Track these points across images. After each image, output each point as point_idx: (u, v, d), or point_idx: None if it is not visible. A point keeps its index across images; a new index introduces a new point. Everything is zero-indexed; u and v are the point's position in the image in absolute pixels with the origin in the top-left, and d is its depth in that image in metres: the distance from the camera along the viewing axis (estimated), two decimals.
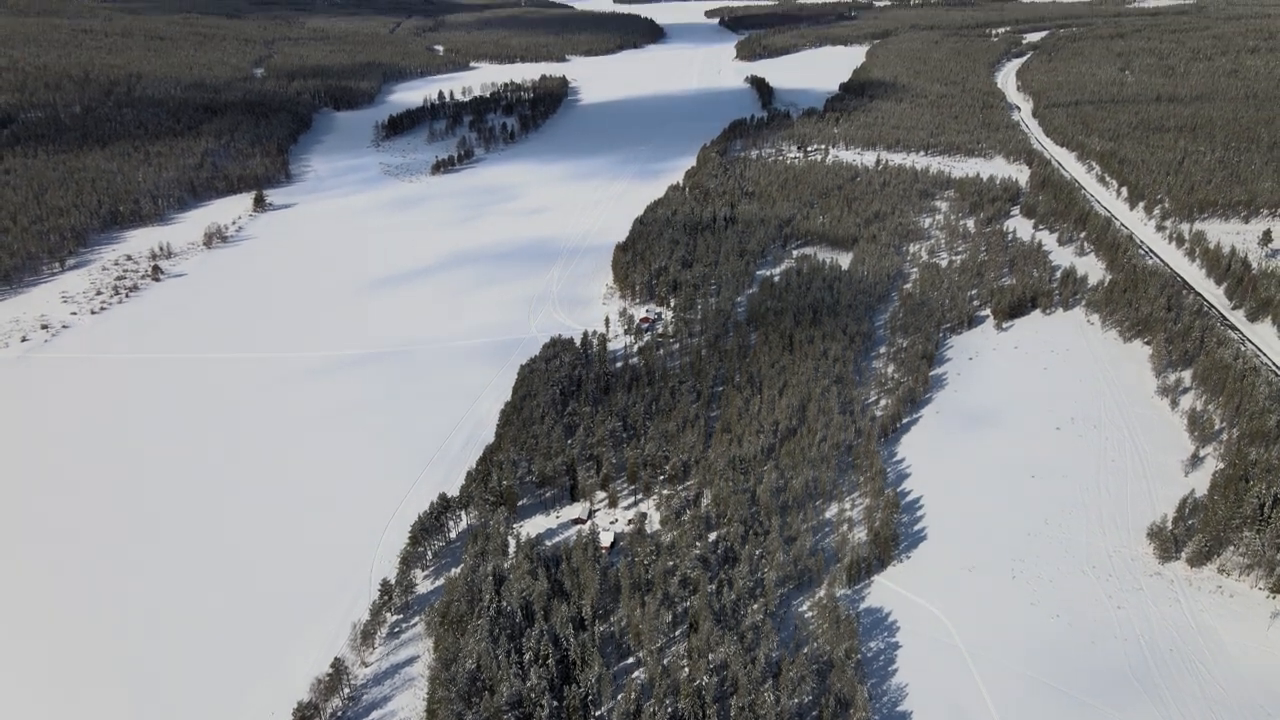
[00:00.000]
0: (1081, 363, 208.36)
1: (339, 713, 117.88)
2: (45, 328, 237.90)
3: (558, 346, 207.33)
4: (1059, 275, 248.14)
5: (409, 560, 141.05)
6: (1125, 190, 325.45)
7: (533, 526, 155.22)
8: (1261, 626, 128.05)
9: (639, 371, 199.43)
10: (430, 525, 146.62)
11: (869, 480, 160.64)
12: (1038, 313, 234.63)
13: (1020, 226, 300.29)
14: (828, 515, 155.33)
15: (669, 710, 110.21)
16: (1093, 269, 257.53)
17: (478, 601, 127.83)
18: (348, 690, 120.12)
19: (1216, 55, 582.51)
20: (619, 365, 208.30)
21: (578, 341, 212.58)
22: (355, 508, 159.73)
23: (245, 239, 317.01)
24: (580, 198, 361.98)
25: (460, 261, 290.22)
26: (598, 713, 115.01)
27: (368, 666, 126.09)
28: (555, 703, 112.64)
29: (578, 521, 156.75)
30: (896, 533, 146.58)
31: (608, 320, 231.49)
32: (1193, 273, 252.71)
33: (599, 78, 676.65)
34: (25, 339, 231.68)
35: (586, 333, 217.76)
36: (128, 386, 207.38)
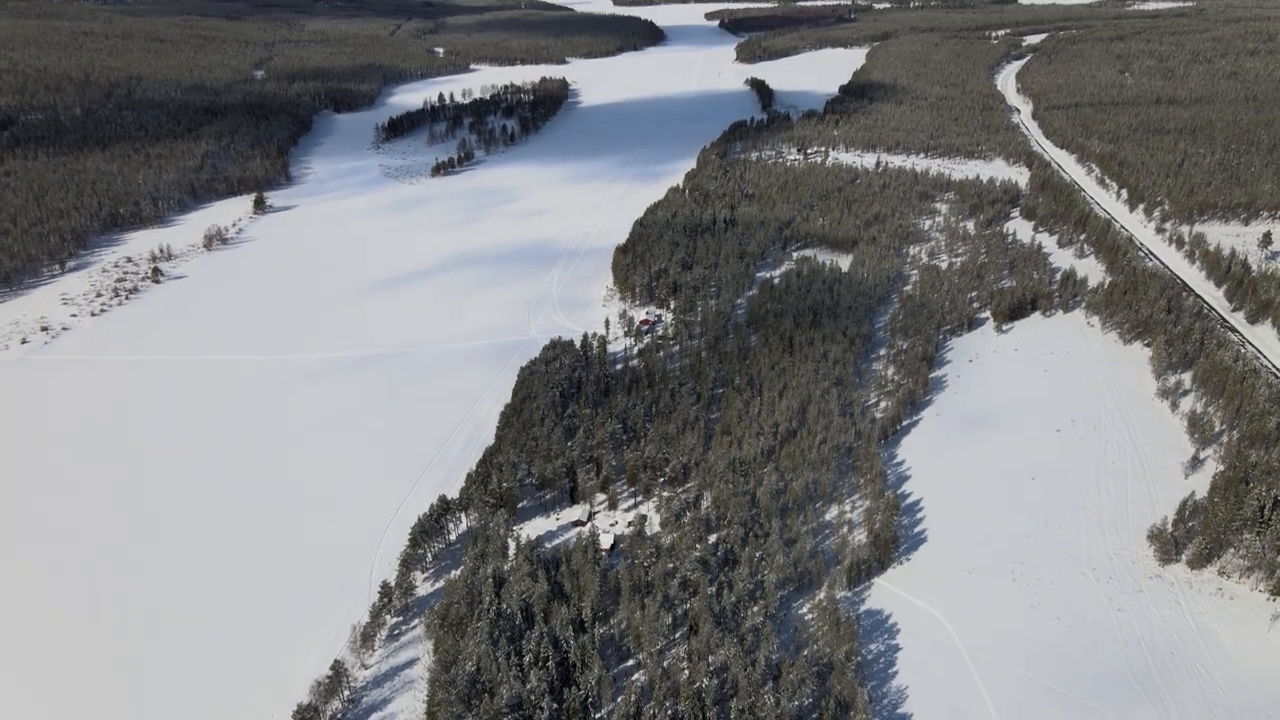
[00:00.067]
0: (1081, 365, 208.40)
1: (338, 715, 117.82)
2: (45, 330, 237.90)
3: (558, 348, 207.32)
4: (1059, 277, 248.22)
5: (409, 562, 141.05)
6: (1125, 192, 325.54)
7: (533, 529, 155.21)
8: (1262, 629, 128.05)
9: (639, 374, 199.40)
10: (430, 527, 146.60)
11: (869, 482, 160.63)
12: (1038, 315, 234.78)
13: (1020, 229, 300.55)
14: (828, 517, 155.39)
15: (669, 713, 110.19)
16: (1093, 271, 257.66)
17: (478, 604, 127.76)
18: (347, 692, 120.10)
19: (1216, 57, 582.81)
20: (619, 367, 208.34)
21: (578, 343, 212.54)
22: (355, 509, 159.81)
23: (245, 241, 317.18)
24: (580, 200, 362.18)
25: (460, 263, 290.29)
26: (598, 715, 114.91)
27: (367, 668, 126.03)
28: (555, 705, 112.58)
29: (578, 524, 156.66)
30: (896, 535, 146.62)
31: (608, 322, 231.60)
32: (1193, 275, 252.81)
33: (599, 80, 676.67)
34: (25, 341, 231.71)
35: (586, 335, 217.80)
36: (128, 388, 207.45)
